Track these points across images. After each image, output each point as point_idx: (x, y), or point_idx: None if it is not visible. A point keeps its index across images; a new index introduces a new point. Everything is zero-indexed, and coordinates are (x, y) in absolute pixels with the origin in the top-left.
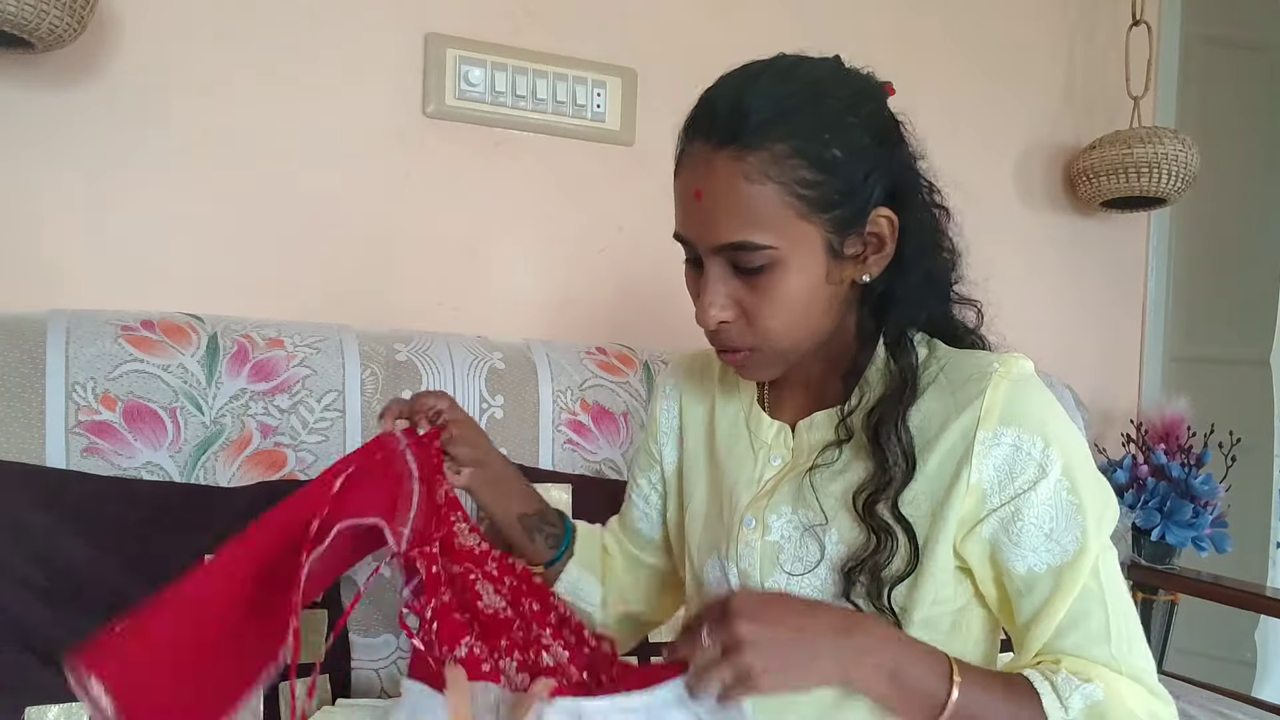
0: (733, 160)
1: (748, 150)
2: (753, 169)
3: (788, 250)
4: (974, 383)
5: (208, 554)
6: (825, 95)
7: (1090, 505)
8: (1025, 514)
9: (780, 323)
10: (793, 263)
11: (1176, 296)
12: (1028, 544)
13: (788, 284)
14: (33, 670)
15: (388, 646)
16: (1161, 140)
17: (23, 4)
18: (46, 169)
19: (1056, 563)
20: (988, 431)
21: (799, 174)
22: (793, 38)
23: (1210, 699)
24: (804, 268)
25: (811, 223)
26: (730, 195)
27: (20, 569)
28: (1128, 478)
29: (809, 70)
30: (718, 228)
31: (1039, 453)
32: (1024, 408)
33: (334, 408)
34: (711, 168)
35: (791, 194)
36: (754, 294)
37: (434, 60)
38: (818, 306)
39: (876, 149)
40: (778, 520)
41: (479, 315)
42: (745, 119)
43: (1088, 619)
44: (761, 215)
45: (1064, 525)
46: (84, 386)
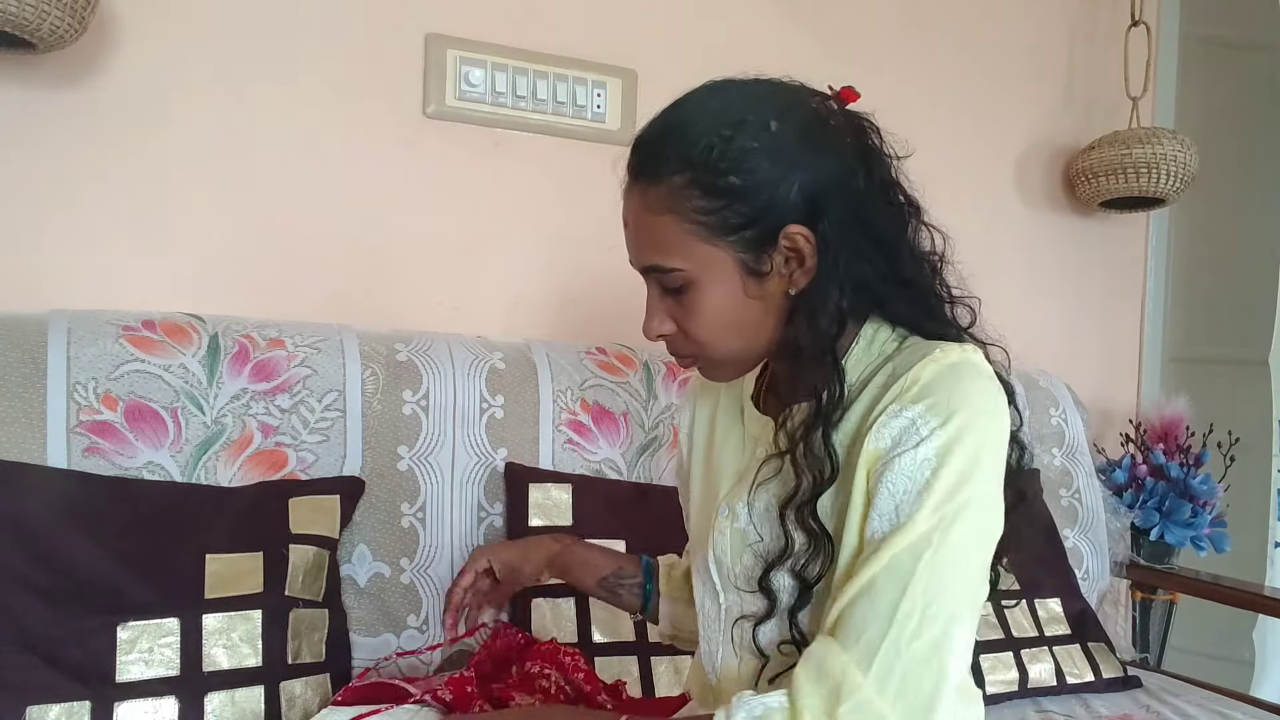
0: (640, 194)
1: (651, 185)
2: (653, 201)
3: (697, 271)
4: (908, 365)
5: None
6: (727, 122)
7: (940, 487)
8: (885, 478)
9: (709, 334)
10: (705, 282)
11: (1175, 296)
12: (879, 508)
13: (707, 301)
14: (33, 670)
15: (387, 646)
16: (1160, 141)
17: (23, 4)
18: (47, 169)
19: (887, 529)
20: (897, 405)
21: (695, 203)
22: (792, 38)
23: (1209, 698)
24: (718, 286)
25: (717, 245)
26: (640, 224)
27: (20, 569)
28: (1127, 477)
29: (722, 96)
30: (637, 252)
31: (927, 430)
32: (938, 389)
33: (335, 407)
34: (629, 200)
35: (690, 221)
36: (681, 310)
37: (434, 60)
38: (748, 319)
39: (788, 168)
40: (744, 508)
41: (479, 315)
42: (651, 156)
43: (882, 595)
44: (665, 242)
45: (911, 498)
46: (85, 386)
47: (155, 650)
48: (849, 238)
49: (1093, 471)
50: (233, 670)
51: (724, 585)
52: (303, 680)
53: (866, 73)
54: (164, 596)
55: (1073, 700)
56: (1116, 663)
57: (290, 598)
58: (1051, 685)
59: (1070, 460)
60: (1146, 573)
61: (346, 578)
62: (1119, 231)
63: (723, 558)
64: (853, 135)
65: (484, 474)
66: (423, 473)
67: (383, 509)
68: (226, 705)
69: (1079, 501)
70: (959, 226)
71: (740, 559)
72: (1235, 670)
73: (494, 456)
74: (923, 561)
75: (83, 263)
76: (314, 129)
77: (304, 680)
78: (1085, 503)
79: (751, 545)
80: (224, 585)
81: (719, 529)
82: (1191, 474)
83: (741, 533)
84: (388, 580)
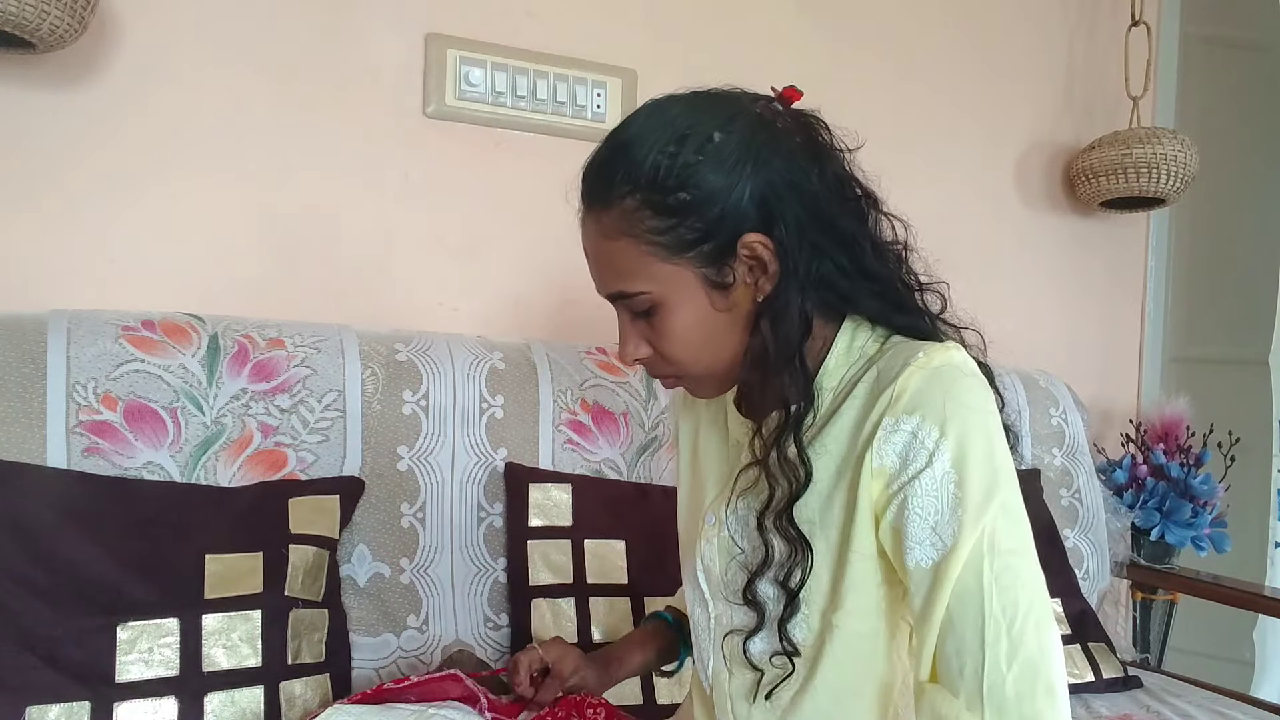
0: (595, 222)
1: (603, 211)
2: (608, 227)
3: (662, 292)
4: (893, 371)
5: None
6: (671, 139)
7: (971, 499)
8: (911, 504)
9: (684, 353)
10: (672, 301)
11: (1176, 296)
12: (914, 536)
13: (676, 320)
14: (33, 670)
15: (387, 646)
16: (1160, 140)
17: (23, 4)
18: (47, 169)
19: (936, 557)
20: (891, 418)
21: (649, 224)
22: (792, 38)
23: (1209, 698)
24: (685, 303)
25: (677, 263)
26: (599, 252)
27: (20, 569)
28: (1127, 477)
29: (662, 114)
30: (601, 280)
31: (931, 442)
32: (929, 396)
33: (334, 407)
34: (586, 229)
35: (646, 243)
36: (653, 331)
37: (434, 60)
38: (719, 332)
39: (737, 177)
40: (734, 517)
41: (479, 315)
42: (600, 181)
43: (963, 624)
44: (626, 266)
45: (946, 518)
46: (85, 386)
47: (155, 650)
48: (807, 238)
49: (1093, 471)
50: (232, 670)
51: (713, 594)
52: (302, 680)
53: (866, 73)
54: (164, 596)
55: (1073, 700)
56: (1117, 663)
57: (290, 598)
58: None
59: (1070, 460)
60: (1147, 573)
61: (346, 578)
62: (1119, 231)
63: (711, 566)
64: (801, 134)
65: (484, 474)
66: (423, 473)
67: (383, 509)
68: (226, 705)
69: (1079, 501)
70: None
71: (727, 569)
72: (1235, 670)
73: (494, 456)
74: (985, 578)
75: (83, 263)
76: (314, 129)
77: (304, 680)
78: (1085, 503)
79: (735, 557)
80: (224, 585)
81: (706, 537)
82: (1192, 474)
83: (728, 542)
84: (387, 580)
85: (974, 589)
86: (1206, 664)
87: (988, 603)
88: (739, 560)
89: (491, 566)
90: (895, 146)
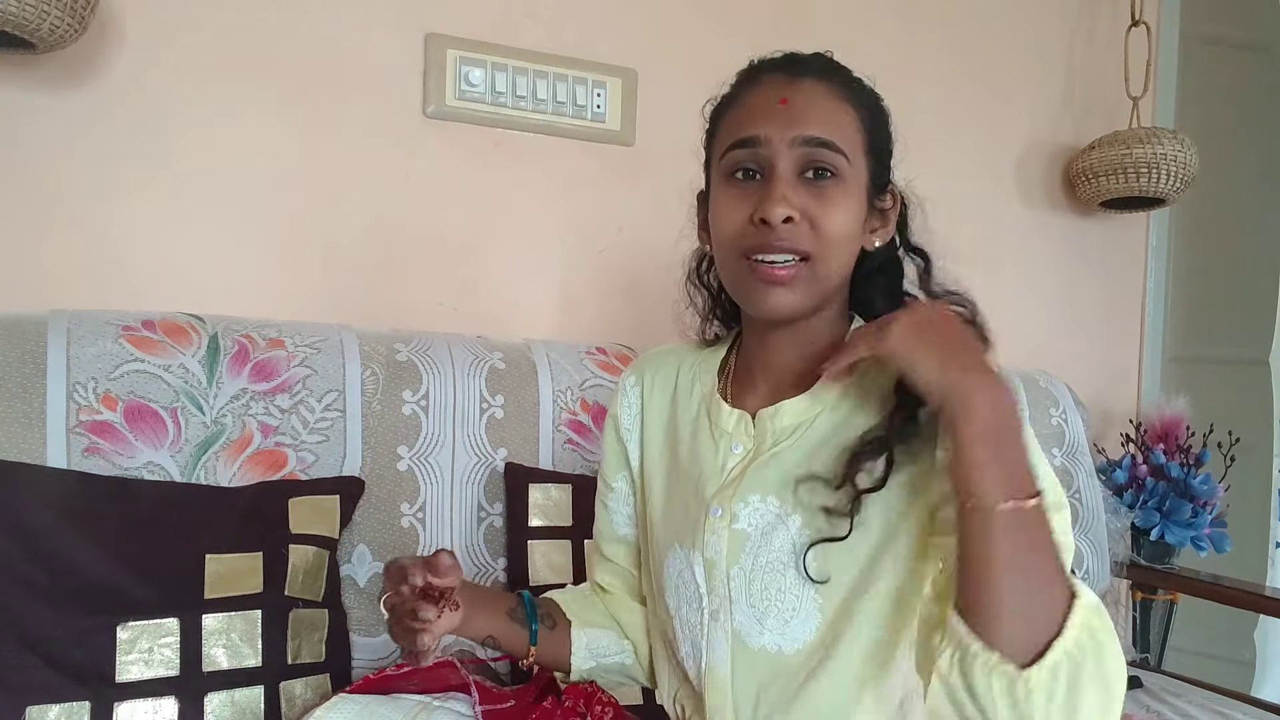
0: (822, 83)
1: (838, 83)
2: (841, 91)
3: (851, 170)
4: None
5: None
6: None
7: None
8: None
9: (840, 232)
10: (851, 183)
11: (1176, 296)
12: None
13: (848, 201)
14: (33, 670)
15: (387, 646)
16: (1160, 141)
17: (24, 4)
18: (47, 169)
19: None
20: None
21: (865, 111)
22: (792, 38)
23: (1209, 698)
24: (856, 196)
25: (866, 159)
26: (821, 102)
27: (20, 569)
28: (1127, 477)
29: None
30: (808, 123)
31: None
32: None
33: (334, 408)
34: (797, 85)
35: (862, 122)
36: (819, 201)
37: (434, 60)
38: (854, 245)
39: (892, 136)
40: (745, 509)
41: (479, 315)
42: (821, 64)
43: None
44: (843, 128)
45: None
46: (85, 386)
47: (155, 650)
48: (910, 220)
49: (1093, 471)
50: (232, 670)
51: (711, 588)
52: (303, 680)
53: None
54: (164, 596)
55: None
56: None
57: (290, 598)
58: None
59: (1070, 460)
60: (1147, 573)
61: (346, 578)
62: (1119, 232)
63: (716, 559)
64: None
65: (484, 474)
66: (423, 473)
67: (383, 509)
68: (226, 705)
69: (1079, 501)
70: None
71: (738, 560)
72: (1236, 670)
73: (494, 456)
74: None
75: (83, 263)
76: (314, 129)
77: (304, 680)
78: (1085, 503)
79: (751, 549)
80: (224, 585)
81: (712, 529)
82: (1192, 474)
83: (742, 535)
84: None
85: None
86: (1206, 664)
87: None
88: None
89: (491, 566)
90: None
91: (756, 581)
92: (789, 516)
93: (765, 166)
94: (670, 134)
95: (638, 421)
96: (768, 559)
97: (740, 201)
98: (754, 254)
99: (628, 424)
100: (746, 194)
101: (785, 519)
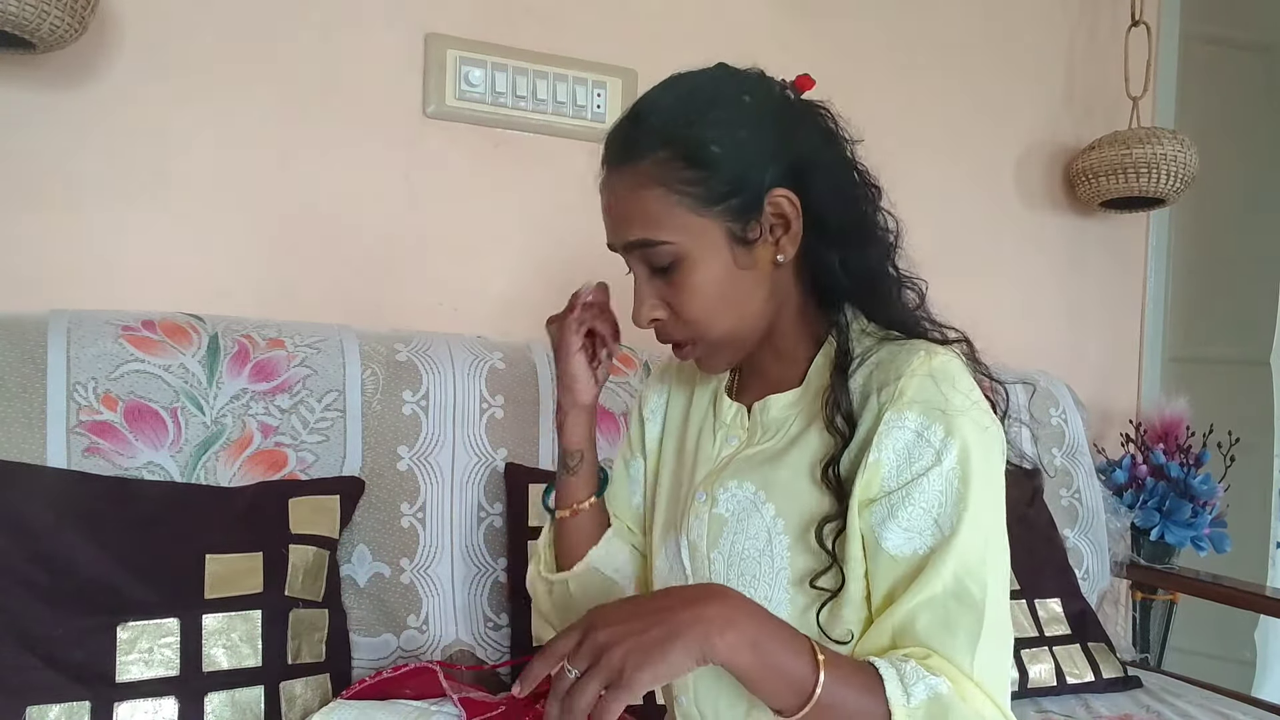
0: (625, 175)
1: (635, 164)
2: (641, 177)
3: (688, 244)
4: (894, 370)
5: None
6: (701, 100)
7: (974, 499)
8: (915, 498)
9: (702, 312)
10: (696, 255)
11: (1176, 296)
12: (912, 525)
13: (698, 276)
14: (33, 670)
15: (387, 646)
16: (1160, 141)
17: (24, 4)
18: (47, 169)
19: (931, 544)
20: (894, 414)
21: (681, 174)
22: (792, 38)
23: (1209, 698)
24: (710, 258)
25: (704, 216)
26: (627, 203)
27: (21, 569)
28: (1127, 477)
29: (689, 81)
30: (623, 229)
31: (938, 440)
32: (932, 396)
33: (334, 408)
34: (611, 185)
35: (678, 193)
36: (671, 289)
37: (434, 60)
38: (738, 293)
39: (766, 136)
40: (724, 494)
41: (479, 315)
42: (631, 139)
43: (957, 615)
44: (654, 216)
45: (948, 511)
46: (85, 386)
47: (155, 650)
48: (828, 206)
49: (1093, 471)
50: (233, 670)
51: (695, 571)
52: (303, 680)
53: (866, 72)
54: (164, 596)
55: (1073, 700)
56: (1117, 663)
57: (290, 598)
58: (1051, 685)
59: (1070, 460)
60: (1147, 573)
61: (346, 578)
62: (1119, 231)
63: (698, 542)
64: (812, 118)
65: (484, 474)
66: (423, 473)
67: (383, 509)
68: (226, 705)
69: (1079, 501)
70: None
71: (717, 544)
72: (1236, 670)
73: (494, 456)
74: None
75: (83, 263)
76: (314, 129)
77: (304, 680)
78: (1085, 503)
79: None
80: (224, 585)
81: (695, 513)
82: (1192, 474)
83: (720, 519)
84: (388, 580)
85: (967, 588)
86: (1206, 664)
87: (985, 603)
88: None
89: (491, 566)
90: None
91: (735, 566)
92: (763, 504)
93: (630, 267)
94: None
95: (662, 407)
96: (744, 545)
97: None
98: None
99: (653, 406)
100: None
101: (760, 505)
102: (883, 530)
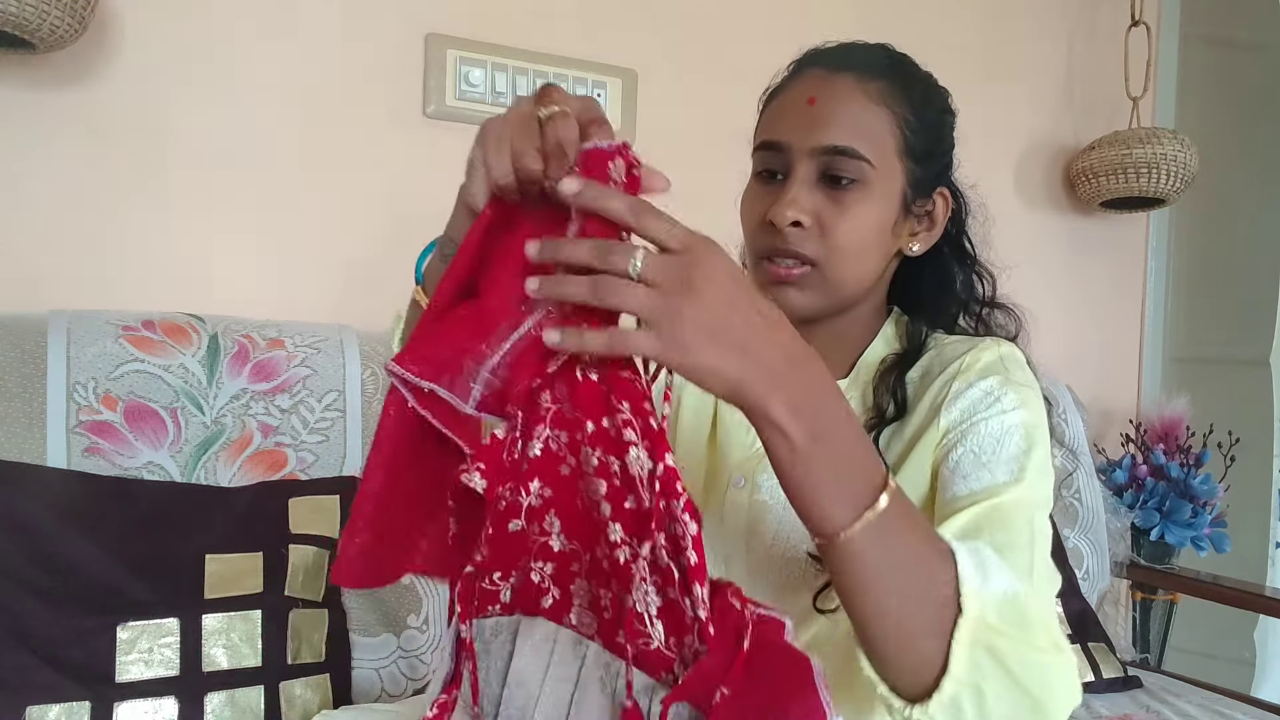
0: (856, 82)
1: (870, 78)
2: (875, 91)
3: (877, 175)
4: (963, 350)
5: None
6: (921, 70)
7: (1034, 465)
8: (970, 440)
9: (851, 242)
10: (876, 190)
11: (1176, 296)
12: (964, 469)
13: (867, 209)
14: (33, 670)
15: (388, 646)
16: (1160, 141)
17: (23, 4)
18: (47, 169)
19: (985, 485)
20: (963, 382)
21: (907, 115)
22: (792, 38)
23: (1209, 698)
24: (882, 202)
25: (901, 163)
26: (848, 105)
27: (21, 569)
28: (1127, 477)
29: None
30: (828, 130)
31: (1009, 403)
32: (1004, 368)
33: (335, 408)
34: (831, 83)
35: (898, 126)
36: (835, 207)
37: (434, 60)
38: (879, 248)
39: (951, 134)
40: (768, 480)
41: None
42: (868, 58)
43: (1018, 535)
44: (870, 132)
45: (1007, 456)
46: (85, 386)
47: (155, 650)
48: (959, 232)
49: (1093, 471)
50: (232, 670)
51: (728, 555)
52: (303, 680)
53: None
54: (164, 596)
55: None
56: (1117, 663)
57: (290, 598)
58: None
59: (1070, 460)
60: (1147, 573)
61: None
62: (1119, 232)
63: (736, 526)
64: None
65: None
66: None
67: None
68: (226, 705)
69: (1079, 501)
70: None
71: (757, 530)
72: (1236, 670)
73: None
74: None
75: (83, 263)
76: (314, 129)
77: (304, 680)
78: (1085, 503)
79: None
80: (224, 585)
81: (731, 499)
82: (1192, 474)
83: (763, 505)
84: None
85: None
86: (1206, 664)
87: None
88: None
89: None
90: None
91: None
92: None
93: (786, 170)
94: (670, 134)
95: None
96: (789, 533)
97: (759, 201)
98: (764, 255)
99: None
100: (767, 193)
101: None
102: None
